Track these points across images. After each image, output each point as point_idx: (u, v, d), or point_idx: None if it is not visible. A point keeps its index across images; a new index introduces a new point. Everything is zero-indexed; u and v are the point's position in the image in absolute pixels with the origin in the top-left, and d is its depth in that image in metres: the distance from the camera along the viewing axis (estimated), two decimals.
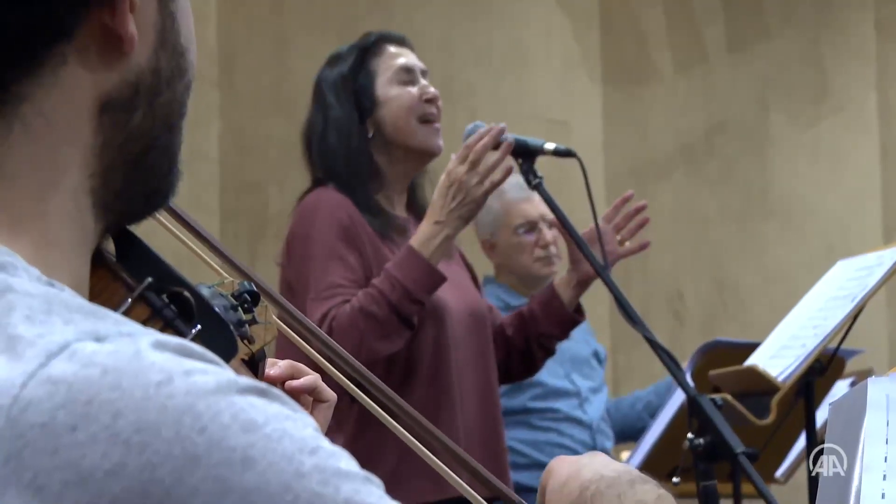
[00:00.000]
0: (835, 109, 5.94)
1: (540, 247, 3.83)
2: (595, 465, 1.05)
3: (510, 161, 2.60)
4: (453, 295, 2.74)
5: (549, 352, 2.93)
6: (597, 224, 2.74)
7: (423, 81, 2.79)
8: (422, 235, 2.58)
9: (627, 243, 2.88)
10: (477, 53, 5.13)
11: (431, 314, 2.67)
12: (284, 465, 0.70)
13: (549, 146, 2.63)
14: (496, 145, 2.59)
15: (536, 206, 3.78)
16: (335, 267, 2.60)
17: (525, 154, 2.64)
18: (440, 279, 2.59)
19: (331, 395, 1.40)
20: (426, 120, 2.76)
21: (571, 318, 2.89)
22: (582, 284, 2.88)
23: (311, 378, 1.36)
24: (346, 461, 0.73)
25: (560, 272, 3.85)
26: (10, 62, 0.80)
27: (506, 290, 3.93)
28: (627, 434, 4.03)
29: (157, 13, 0.85)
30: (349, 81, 2.77)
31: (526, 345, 2.89)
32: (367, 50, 2.81)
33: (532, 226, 3.82)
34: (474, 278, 2.96)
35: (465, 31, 5.10)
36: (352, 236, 2.64)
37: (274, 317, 1.05)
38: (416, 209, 2.82)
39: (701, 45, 5.75)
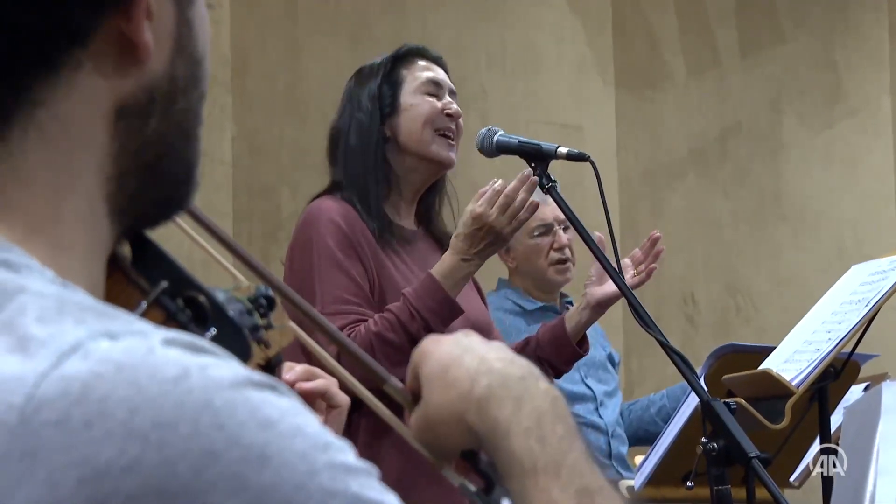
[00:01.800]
0: (848, 113, 5.93)
1: (555, 249, 3.85)
2: (477, 350, 1.01)
3: (535, 196, 2.63)
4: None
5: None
6: (610, 229, 2.74)
7: (449, 99, 2.80)
8: (446, 268, 2.60)
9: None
10: (489, 57, 5.13)
11: None
12: (298, 462, 0.71)
13: (563, 150, 2.63)
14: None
15: (552, 209, 3.80)
16: (340, 279, 2.61)
17: (538, 158, 2.64)
18: (458, 312, 2.61)
19: (344, 399, 1.39)
20: (443, 134, 2.77)
21: (573, 350, 2.90)
22: (594, 308, 2.89)
23: (323, 382, 1.35)
24: (350, 455, 0.74)
25: (574, 280, 3.87)
26: (26, 66, 0.80)
27: (519, 294, 3.94)
28: (640, 437, 4.03)
29: (174, 21, 0.85)
30: (377, 85, 2.79)
31: None
32: (400, 59, 2.83)
33: (548, 228, 3.85)
34: (481, 295, 2.96)
35: (478, 35, 5.11)
36: (352, 245, 2.65)
37: (290, 322, 1.04)
38: (430, 226, 2.83)
39: (714, 48, 5.75)
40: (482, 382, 0.98)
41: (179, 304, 0.85)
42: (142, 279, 0.86)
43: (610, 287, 2.86)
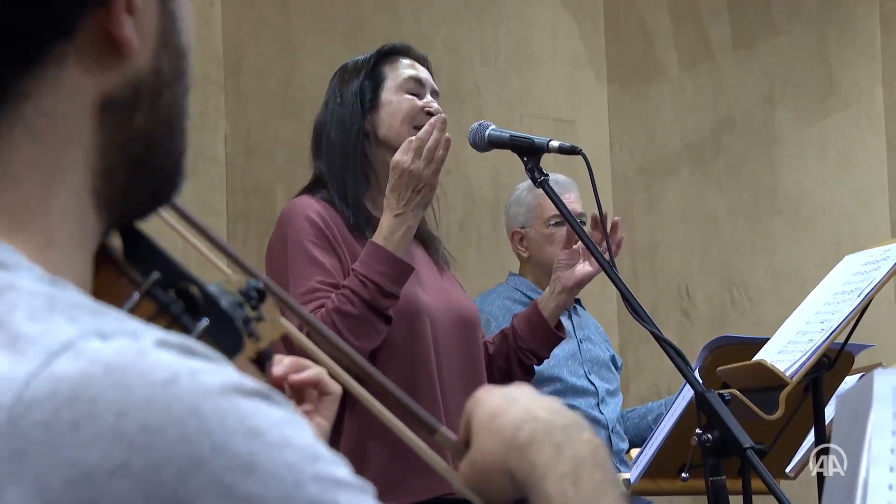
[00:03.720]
0: (842, 106, 5.94)
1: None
2: (524, 401, 1.04)
3: (447, 134, 2.63)
4: (436, 300, 2.74)
5: (530, 371, 2.93)
6: (603, 224, 2.75)
7: (430, 98, 2.80)
8: (384, 230, 2.61)
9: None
10: (483, 53, 5.13)
11: (414, 320, 2.66)
12: (286, 473, 0.71)
13: (555, 144, 2.64)
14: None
15: (570, 203, 3.81)
16: (312, 271, 2.62)
17: (530, 152, 2.64)
18: (408, 269, 2.61)
19: (336, 387, 1.40)
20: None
21: (552, 333, 2.89)
22: (570, 291, 2.89)
23: (315, 371, 1.36)
24: (343, 469, 0.74)
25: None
26: (10, 60, 0.80)
27: (528, 285, 3.96)
28: (638, 445, 4.05)
29: (158, 14, 0.85)
30: (359, 81, 2.79)
31: (507, 363, 2.89)
32: (384, 56, 2.84)
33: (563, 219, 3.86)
34: None
35: (472, 32, 5.11)
36: (327, 240, 2.66)
37: (281, 316, 1.04)
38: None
39: (707, 42, 5.75)
40: (525, 430, 1.01)
41: (171, 295, 0.85)
42: (133, 271, 0.86)
43: (581, 269, 2.86)
